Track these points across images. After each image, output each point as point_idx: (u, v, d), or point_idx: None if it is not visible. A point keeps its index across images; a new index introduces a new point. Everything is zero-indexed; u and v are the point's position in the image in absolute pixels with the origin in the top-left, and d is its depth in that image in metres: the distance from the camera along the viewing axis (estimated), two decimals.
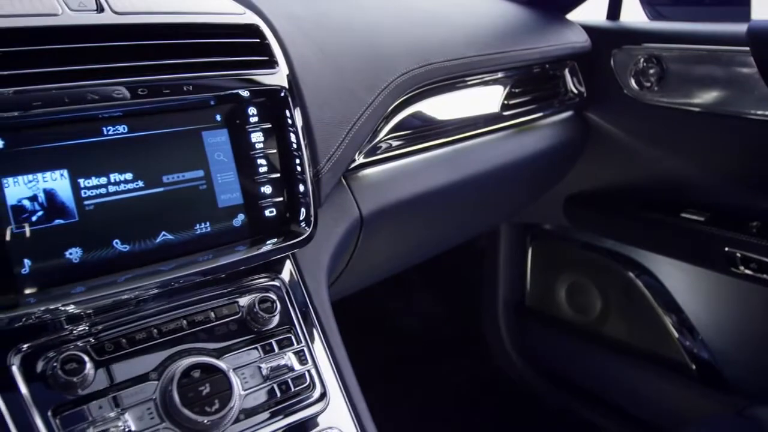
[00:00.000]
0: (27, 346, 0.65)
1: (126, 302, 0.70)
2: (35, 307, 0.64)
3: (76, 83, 0.67)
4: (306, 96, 0.85)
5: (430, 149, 1.09)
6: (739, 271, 1.25)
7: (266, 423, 0.72)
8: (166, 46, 0.74)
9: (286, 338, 0.77)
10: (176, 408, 0.66)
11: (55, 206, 0.67)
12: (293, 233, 0.81)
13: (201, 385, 0.67)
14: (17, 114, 0.64)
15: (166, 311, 0.73)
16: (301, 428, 0.74)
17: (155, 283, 0.71)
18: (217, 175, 0.78)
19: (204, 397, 0.67)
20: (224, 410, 0.68)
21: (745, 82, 1.21)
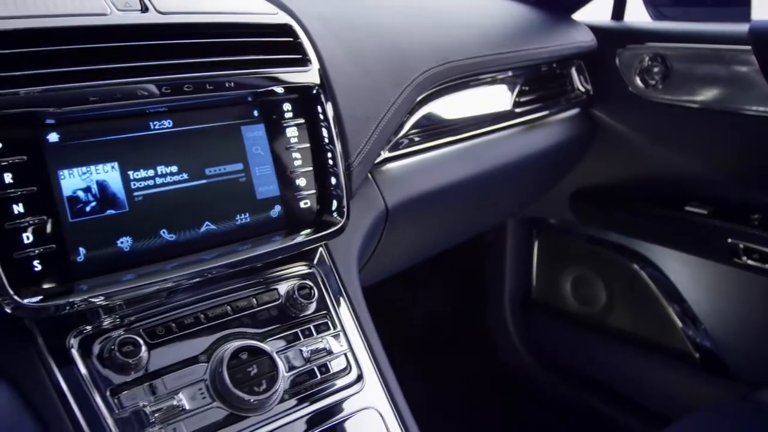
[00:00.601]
0: (84, 330, 0.68)
1: (173, 289, 0.73)
2: (90, 293, 0.67)
3: (127, 80, 0.70)
4: (337, 93, 0.88)
5: (448, 145, 1.13)
6: (741, 261, 1.30)
7: (308, 403, 0.75)
8: (207, 44, 0.78)
9: (323, 323, 0.81)
10: (227, 388, 0.69)
11: (106, 197, 0.70)
12: (327, 224, 0.84)
13: (249, 367, 0.71)
14: (73, 109, 0.68)
15: (211, 298, 0.76)
16: (340, 408, 0.77)
17: (199, 271, 0.74)
18: (256, 168, 0.81)
19: (252, 378, 0.71)
20: (271, 390, 0.71)
21: (747, 80, 1.26)
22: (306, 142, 0.85)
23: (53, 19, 0.69)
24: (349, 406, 0.78)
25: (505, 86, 1.28)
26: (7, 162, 0.64)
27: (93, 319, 0.69)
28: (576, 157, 1.46)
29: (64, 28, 0.69)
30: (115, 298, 0.69)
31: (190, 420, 0.68)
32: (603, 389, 1.63)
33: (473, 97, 1.21)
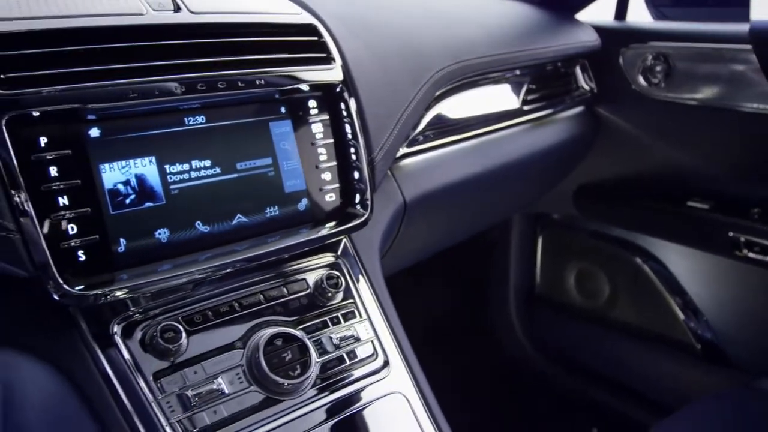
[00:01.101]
0: (126, 317, 0.71)
1: (207, 279, 0.76)
2: (130, 282, 0.70)
3: (164, 77, 0.73)
4: (359, 91, 0.91)
5: (461, 141, 1.16)
6: (742, 254, 1.34)
7: (337, 387, 0.78)
8: (238, 43, 0.81)
9: (350, 311, 0.84)
10: (264, 373, 0.72)
11: (145, 190, 0.73)
12: (351, 216, 0.87)
13: (284, 353, 0.74)
14: (113, 105, 0.70)
15: (244, 287, 0.79)
16: (368, 393, 0.80)
17: (232, 261, 0.77)
18: (283, 163, 0.84)
19: (287, 363, 0.74)
20: (304, 375, 0.74)
21: (747, 79, 1.30)
22: (330, 137, 0.88)
23: (94, 19, 0.72)
24: (377, 391, 0.81)
25: (513, 85, 1.32)
26: (52, 156, 0.66)
27: (134, 306, 0.72)
28: (580, 154, 1.50)
29: (104, 28, 0.72)
30: (154, 287, 0.72)
31: (229, 403, 0.71)
32: (606, 380, 1.67)
33: (483, 95, 1.25)
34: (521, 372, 1.83)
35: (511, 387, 1.82)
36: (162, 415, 0.67)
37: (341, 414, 0.77)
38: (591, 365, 1.70)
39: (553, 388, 1.78)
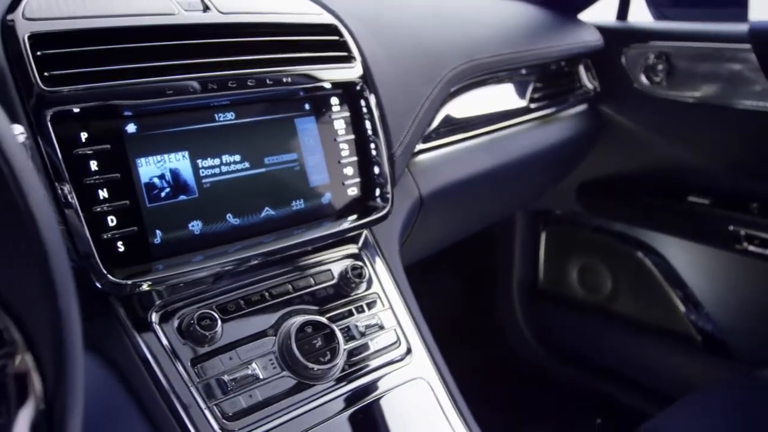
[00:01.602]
0: (163, 306, 0.73)
1: (238, 269, 0.79)
2: (166, 272, 0.72)
3: (197, 75, 0.76)
4: (378, 88, 0.95)
5: (472, 138, 1.19)
6: (742, 247, 1.38)
7: (363, 373, 0.81)
8: (264, 42, 0.84)
9: (373, 301, 0.87)
10: (296, 358, 0.75)
11: (179, 184, 0.76)
12: (372, 209, 0.91)
13: (314, 339, 0.77)
14: (149, 102, 0.73)
15: (273, 277, 0.82)
16: (392, 379, 0.83)
17: (261, 253, 0.79)
18: (308, 158, 0.87)
19: (317, 350, 0.77)
20: (334, 361, 0.77)
21: (746, 77, 1.34)
22: (352, 133, 0.91)
23: (130, 19, 0.75)
24: (400, 377, 0.84)
25: (519, 84, 1.35)
26: (93, 151, 0.69)
27: (170, 295, 0.74)
28: (584, 151, 1.54)
29: (140, 27, 0.75)
30: (188, 277, 0.74)
31: (263, 388, 0.74)
32: (609, 372, 1.71)
33: (492, 94, 1.28)
34: (525, 364, 1.86)
35: (515, 379, 1.85)
36: (201, 399, 0.70)
37: (367, 398, 0.80)
38: (594, 357, 1.74)
39: (557, 380, 1.82)
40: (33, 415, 0.37)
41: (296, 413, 0.74)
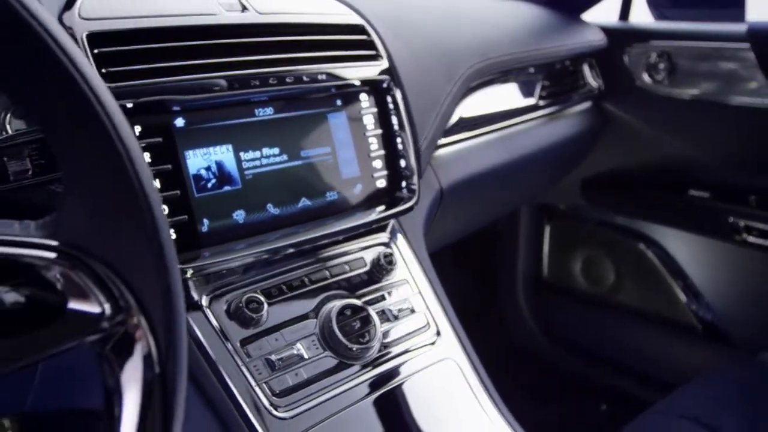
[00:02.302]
0: (212, 290, 0.78)
1: (278, 257, 0.83)
2: (213, 259, 0.77)
3: (241, 72, 0.80)
4: (404, 85, 0.99)
5: (487, 134, 1.24)
6: (741, 238, 1.44)
7: (397, 354, 0.86)
8: (300, 41, 0.88)
9: (404, 286, 0.92)
10: (337, 339, 0.79)
11: (223, 175, 0.80)
12: (399, 200, 0.95)
13: (353, 322, 0.81)
14: (197, 97, 0.77)
15: (310, 264, 0.86)
16: (423, 360, 0.88)
17: (298, 242, 0.84)
18: (340, 151, 0.92)
19: (356, 331, 0.81)
20: (371, 342, 0.82)
21: (745, 75, 1.40)
22: (380, 128, 0.95)
23: (177, 18, 0.79)
24: (431, 357, 0.88)
25: (528, 82, 1.40)
26: (146, 143, 0.73)
27: (216, 281, 0.78)
28: (588, 147, 1.59)
29: (187, 27, 0.79)
30: (232, 264, 0.79)
31: (307, 367, 0.78)
32: (611, 361, 1.76)
33: (503, 92, 1.33)
34: (530, 355, 1.92)
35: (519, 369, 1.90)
36: (251, 377, 0.74)
37: (400, 377, 0.85)
38: (597, 347, 1.80)
39: (561, 370, 1.87)
40: (148, 376, 0.41)
41: (337, 391, 0.79)
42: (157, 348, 0.42)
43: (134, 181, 0.41)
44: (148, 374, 0.41)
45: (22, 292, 0.40)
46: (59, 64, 0.39)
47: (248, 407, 0.72)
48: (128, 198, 0.41)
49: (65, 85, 0.39)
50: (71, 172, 0.42)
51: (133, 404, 0.41)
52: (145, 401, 0.41)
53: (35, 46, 0.38)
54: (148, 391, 0.41)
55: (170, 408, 0.41)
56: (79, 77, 0.39)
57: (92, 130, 0.40)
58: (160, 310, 0.42)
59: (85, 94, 0.39)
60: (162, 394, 0.41)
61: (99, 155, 0.41)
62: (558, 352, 1.87)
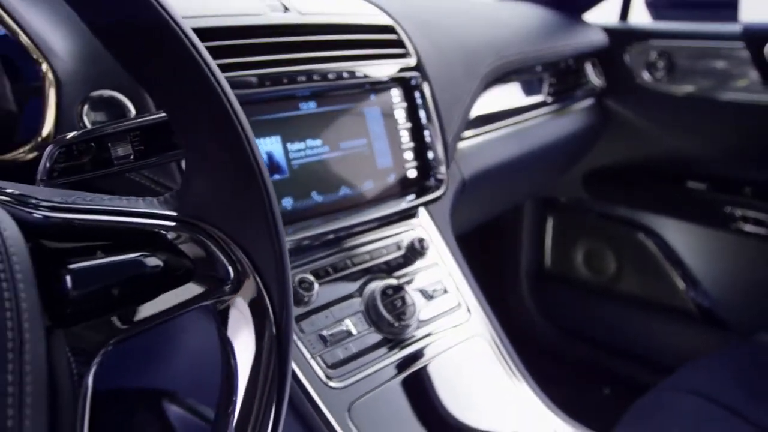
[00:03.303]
0: None
1: (322, 241, 0.89)
2: None
3: (288, 69, 0.86)
4: (431, 81, 1.06)
5: (501, 129, 1.31)
6: (737, 226, 1.52)
7: (433, 330, 0.92)
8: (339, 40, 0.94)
9: (435, 269, 0.98)
10: (382, 316, 0.85)
11: (273, 164, 0.86)
12: (429, 190, 1.02)
13: (394, 301, 0.88)
14: (253, 91, 0.83)
15: (353, 248, 0.92)
16: (456, 336, 0.94)
17: (340, 227, 0.90)
18: (375, 143, 0.98)
19: (397, 309, 0.87)
20: (412, 319, 0.88)
21: (739, 73, 1.49)
22: (410, 121, 1.02)
23: (227, 18, 0.85)
24: (463, 334, 0.95)
25: (536, 80, 1.48)
26: None
27: None
28: (591, 141, 1.67)
29: (238, 27, 0.84)
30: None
31: (354, 342, 0.84)
32: (612, 347, 1.84)
33: (514, 89, 1.40)
34: (533, 342, 1.99)
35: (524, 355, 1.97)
36: (306, 351, 0.80)
37: (436, 352, 0.91)
38: (599, 333, 1.87)
39: (564, 356, 1.95)
40: (264, 328, 0.47)
41: (382, 364, 0.85)
42: (270, 304, 0.47)
43: (251, 158, 0.47)
44: (264, 326, 0.47)
45: (154, 259, 0.45)
46: (194, 62, 0.44)
47: (306, 378, 0.78)
48: (245, 174, 0.47)
49: (196, 79, 0.45)
50: (194, 151, 0.47)
51: (251, 353, 0.47)
52: (263, 349, 0.47)
53: (173, 47, 0.44)
54: (265, 341, 0.47)
55: (285, 353, 0.47)
56: (208, 72, 0.45)
57: (216, 117, 0.46)
58: (272, 271, 0.48)
59: (214, 88, 0.45)
60: (277, 342, 0.47)
61: (220, 137, 0.47)
62: (561, 339, 1.94)
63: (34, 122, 0.71)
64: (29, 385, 0.35)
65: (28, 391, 0.35)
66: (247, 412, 0.45)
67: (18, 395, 0.34)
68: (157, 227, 0.46)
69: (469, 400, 0.89)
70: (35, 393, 0.35)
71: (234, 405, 0.46)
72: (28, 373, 0.35)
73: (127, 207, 0.46)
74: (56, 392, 0.39)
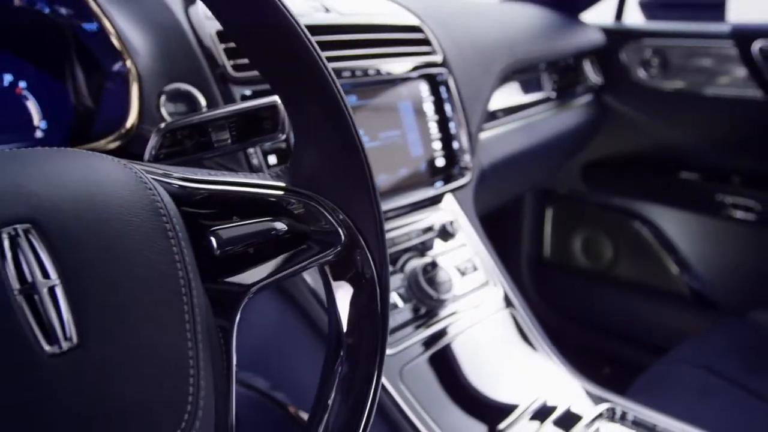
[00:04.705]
0: None
1: None
2: None
3: (335, 65, 0.94)
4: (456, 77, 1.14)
5: (512, 122, 1.40)
6: (727, 213, 1.64)
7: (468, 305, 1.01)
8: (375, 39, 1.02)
9: (465, 248, 1.07)
10: (423, 290, 0.94)
11: None
12: (455, 177, 1.10)
13: (433, 277, 0.96)
14: None
15: (390, 231, 1.00)
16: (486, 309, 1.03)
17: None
18: (408, 134, 1.06)
19: (436, 284, 0.95)
20: (449, 293, 0.96)
21: (728, 69, 1.60)
22: (437, 114, 1.10)
23: None
24: (492, 307, 1.03)
25: (542, 77, 1.57)
26: None
27: None
28: (590, 135, 1.77)
29: None
30: None
31: (399, 314, 0.92)
32: (610, 329, 1.94)
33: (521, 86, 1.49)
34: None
35: None
36: None
37: (471, 323, 0.99)
38: (596, 317, 1.97)
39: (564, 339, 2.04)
40: (368, 282, 0.55)
41: (424, 334, 0.93)
42: (372, 261, 0.55)
43: (354, 136, 0.54)
44: (369, 280, 0.55)
45: (280, 223, 0.53)
46: (309, 55, 0.52)
47: None
48: (348, 149, 0.55)
49: (310, 69, 0.52)
50: (304, 128, 0.55)
51: (358, 302, 0.55)
52: (369, 299, 0.55)
53: (293, 43, 0.51)
54: (370, 291, 0.55)
55: (385, 301, 0.55)
56: (321, 64, 0.53)
57: (325, 103, 0.54)
58: (373, 234, 0.55)
59: (325, 78, 0.53)
60: (380, 292, 0.55)
61: (328, 120, 0.54)
62: (560, 323, 2.04)
63: (115, 114, 0.78)
64: (199, 324, 0.43)
65: (199, 329, 0.42)
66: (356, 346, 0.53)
67: (193, 331, 0.42)
68: (277, 197, 0.54)
69: (501, 366, 0.98)
70: (203, 330, 0.43)
71: (343, 344, 0.54)
72: (197, 314, 0.42)
73: (248, 179, 0.53)
74: (210, 334, 0.47)
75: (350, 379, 0.54)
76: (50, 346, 0.35)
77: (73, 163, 0.44)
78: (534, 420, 0.91)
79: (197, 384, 0.40)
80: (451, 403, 0.89)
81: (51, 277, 0.37)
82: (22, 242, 0.37)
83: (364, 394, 0.54)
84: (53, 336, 0.35)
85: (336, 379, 0.55)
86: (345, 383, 0.54)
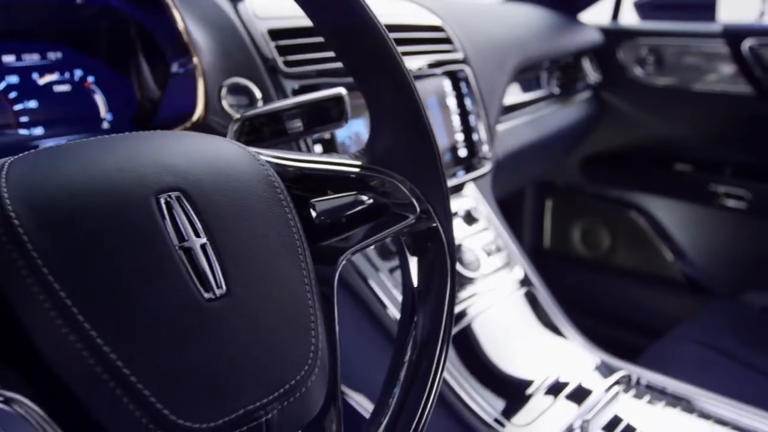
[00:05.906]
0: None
1: None
2: None
3: None
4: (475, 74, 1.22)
5: (522, 117, 1.49)
6: (720, 203, 1.74)
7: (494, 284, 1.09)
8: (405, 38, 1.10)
9: (488, 232, 1.15)
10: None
11: (360, 144, 1.01)
12: (476, 167, 1.18)
13: (463, 256, 1.04)
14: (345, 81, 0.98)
15: None
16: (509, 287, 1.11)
17: None
18: (434, 126, 1.14)
19: (466, 263, 1.03)
20: (477, 271, 1.04)
21: (719, 66, 1.70)
22: (459, 107, 1.18)
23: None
24: (513, 285, 1.12)
25: (545, 74, 1.66)
26: None
27: None
28: (590, 129, 1.86)
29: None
30: None
31: None
32: (607, 315, 2.04)
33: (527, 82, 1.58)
34: None
35: None
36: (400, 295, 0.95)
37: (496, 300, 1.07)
38: (595, 304, 2.07)
39: None
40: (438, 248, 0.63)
41: (458, 309, 1.01)
42: (443, 231, 0.63)
43: (424, 119, 0.62)
44: (438, 247, 0.63)
45: (365, 197, 0.60)
46: (388, 51, 0.59)
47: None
48: (419, 131, 0.62)
49: (388, 62, 0.60)
50: (381, 114, 0.63)
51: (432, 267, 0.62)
52: (440, 264, 0.62)
53: (375, 40, 0.59)
54: (440, 258, 0.63)
55: (453, 267, 0.63)
56: (399, 60, 0.60)
57: (400, 92, 0.61)
58: (441, 207, 0.63)
59: (402, 71, 0.60)
60: (449, 257, 0.63)
61: (401, 103, 0.62)
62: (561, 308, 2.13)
63: (180, 106, 0.85)
64: (313, 279, 0.50)
65: (313, 283, 0.50)
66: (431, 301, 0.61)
67: (310, 283, 0.49)
68: (360, 174, 0.61)
69: (527, 340, 1.06)
70: (316, 285, 0.50)
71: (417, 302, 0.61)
72: (311, 270, 0.50)
73: (333, 158, 0.61)
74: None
75: (425, 341, 0.62)
76: (207, 293, 0.42)
77: (203, 143, 0.51)
78: (549, 394, 0.99)
79: (317, 325, 0.48)
80: (472, 377, 0.97)
81: (201, 236, 0.44)
82: (176, 206, 0.44)
83: (440, 351, 0.61)
84: (207, 284, 0.43)
85: (410, 338, 0.62)
86: (421, 345, 0.62)
